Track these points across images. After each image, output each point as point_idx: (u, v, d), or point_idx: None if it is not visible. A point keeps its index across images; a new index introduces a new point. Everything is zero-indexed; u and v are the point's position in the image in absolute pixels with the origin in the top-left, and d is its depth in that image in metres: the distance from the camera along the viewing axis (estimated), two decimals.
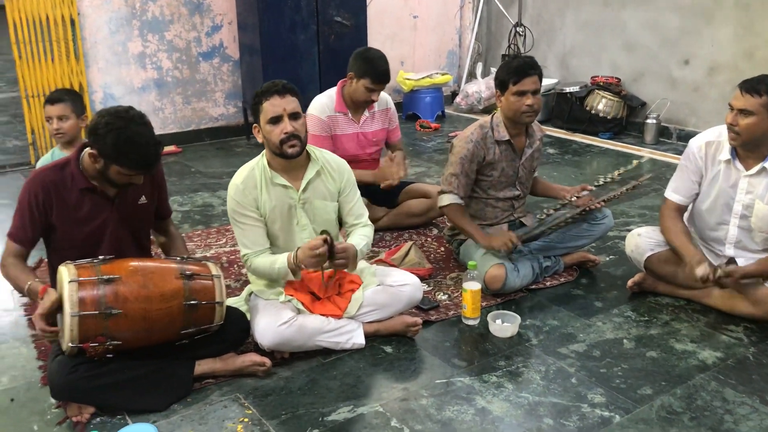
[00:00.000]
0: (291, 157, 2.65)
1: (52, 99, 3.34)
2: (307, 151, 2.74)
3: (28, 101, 5.13)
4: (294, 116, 2.62)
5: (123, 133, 2.32)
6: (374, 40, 5.84)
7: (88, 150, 2.42)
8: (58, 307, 2.32)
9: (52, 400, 2.42)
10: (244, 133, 6.01)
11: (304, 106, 3.63)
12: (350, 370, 2.64)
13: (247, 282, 3.21)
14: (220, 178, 5.00)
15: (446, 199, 3.25)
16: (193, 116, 5.83)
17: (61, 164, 2.54)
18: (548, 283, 3.32)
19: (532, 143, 3.36)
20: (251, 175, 2.71)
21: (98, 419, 2.36)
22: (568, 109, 6.24)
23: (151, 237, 2.86)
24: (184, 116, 5.78)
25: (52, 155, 3.40)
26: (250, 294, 2.86)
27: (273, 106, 2.60)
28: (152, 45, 5.49)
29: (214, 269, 2.55)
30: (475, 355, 2.77)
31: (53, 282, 2.53)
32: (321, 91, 3.89)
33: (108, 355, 2.33)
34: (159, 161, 2.50)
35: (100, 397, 2.37)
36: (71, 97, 3.34)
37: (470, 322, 2.94)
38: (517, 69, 3.12)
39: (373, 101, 3.69)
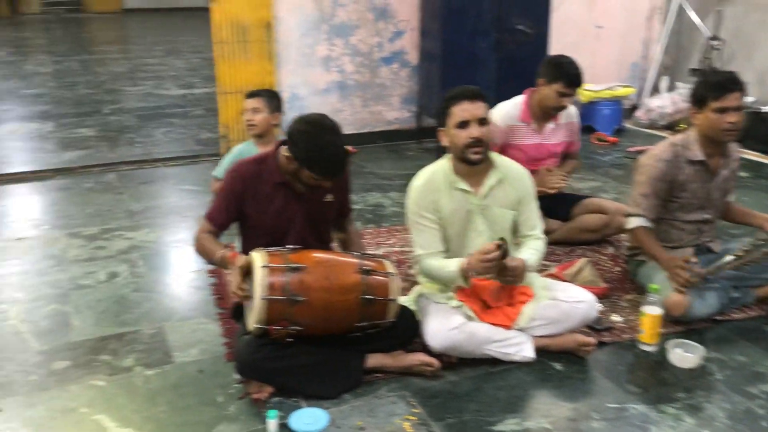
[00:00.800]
0: (473, 163, 2.67)
1: (251, 93, 3.61)
2: (490, 157, 2.74)
3: (224, 97, 5.53)
4: (482, 122, 2.64)
5: (315, 142, 2.47)
6: (555, 49, 5.69)
7: (284, 151, 2.59)
8: (249, 271, 2.48)
9: (236, 376, 2.59)
10: (416, 137, 6.12)
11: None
12: (518, 383, 2.60)
13: (414, 282, 3.25)
14: (391, 180, 5.12)
15: (634, 222, 3.10)
16: (370, 119, 6.02)
17: (261, 158, 2.73)
18: (736, 316, 3.07)
19: (728, 164, 3.13)
20: (433, 178, 2.75)
21: (276, 399, 2.50)
22: (765, 131, 5.75)
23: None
24: (361, 118, 5.98)
25: (246, 146, 3.65)
26: (420, 295, 2.90)
27: (462, 110, 2.63)
28: (337, 49, 5.73)
29: (390, 267, 2.61)
30: (652, 382, 2.62)
31: None
32: (498, 99, 3.86)
33: (288, 339, 2.46)
34: (346, 169, 2.62)
35: (279, 378, 2.51)
36: (267, 94, 3.58)
37: (647, 348, 2.79)
38: (720, 84, 2.92)
39: (564, 107, 3.61)
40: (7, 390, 2.59)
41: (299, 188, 2.67)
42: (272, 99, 3.57)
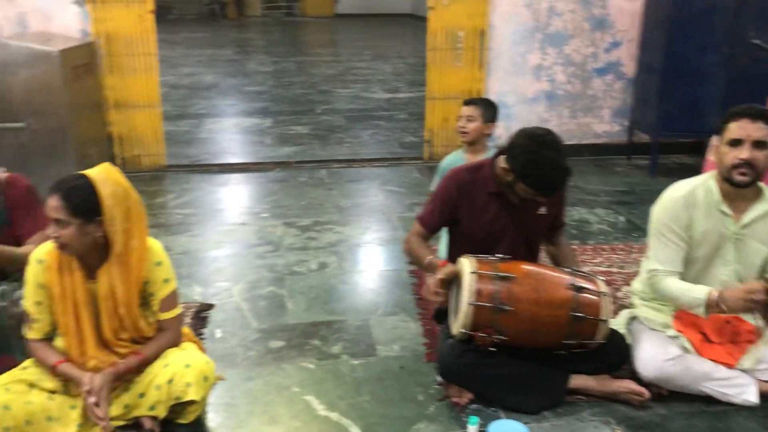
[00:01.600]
0: (737, 185, 2.47)
1: (468, 101, 3.65)
2: (758, 186, 2.54)
3: (432, 102, 5.64)
4: (757, 145, 2.43)
5: (534, 157, 2.44)
6: None
7: (501, 162, 2.59)
8: (451, 280, 2.52)
9: (437, 378, 2.64)
10: (626, 153, 5.84)
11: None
12: (737, 427, 2.40)
13: (622, 306, 3.11)
14: (597, 196, 4.94)
15: None
16: (577, 130, 5.85)
17: (477, 167, 2.75)
18: None
19: None
20: (693, 193, 2.57)
21: (475, 406, 2.51)
22: None
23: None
24: (568, 130, 5.82)
25: (456, 155, 3.71)
26: (633, 318, 2.76)
27: (739, 128, 2.45)
28: (550, 58, 5.64)
29: (603, 287, 2.52)
30: None
31: None
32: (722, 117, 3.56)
33: (491, 348, 2.46)
34: (563, 187, 2.57)
35: (480, 385, 2.51)
36: (484, 104, 3.61)
37: None
38: None
39: None
40: (229, 361, 2.83)
41: (513, 199, 2.66)
42: (488, 109, 3.59)
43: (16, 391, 2.23)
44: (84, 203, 2.16)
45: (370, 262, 3.92)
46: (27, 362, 2.37)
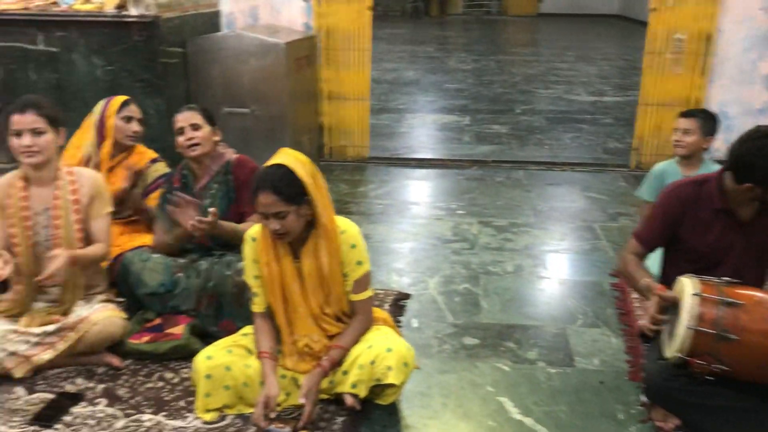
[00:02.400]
0: None
1: (686, 112, 3.53)
2: None
3: (644, 108, 5.34)
4: None
5: (760, 153, 2.28)
6: None
7: (728, 177, 2.41)
8: (668, 306, 2.36)
9: (642, 398, 2.50)
10: None
11: None
12: None
13: None
14: None
15: None
16: None
17: (701, 181, 2.58)
18: None
19: None
20: None
21: None
22: None
23: None
24: None
25: (668, 165, 3.50)
26: None
27: None
28: None
29: None
30: None
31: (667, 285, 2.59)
32: None
33: (708, 377, 2.28)
34: None
35: (691, 413, 2.34)
36: (703, 116, 3.42)
37: None
38: None
39: None
40: (424, 352, 2.88)
41: (743, 216, 2.46)
42: (707, 121, 3.39)
43: (237, 354, 2.43)
44: (292, 189, 2.28)
45: (568, 269, 3.80)
46: (247, 329, 2.57)
